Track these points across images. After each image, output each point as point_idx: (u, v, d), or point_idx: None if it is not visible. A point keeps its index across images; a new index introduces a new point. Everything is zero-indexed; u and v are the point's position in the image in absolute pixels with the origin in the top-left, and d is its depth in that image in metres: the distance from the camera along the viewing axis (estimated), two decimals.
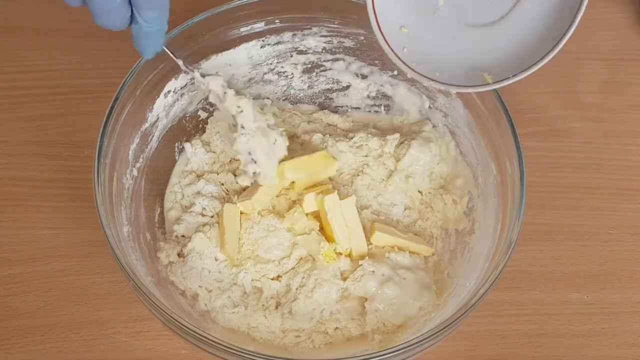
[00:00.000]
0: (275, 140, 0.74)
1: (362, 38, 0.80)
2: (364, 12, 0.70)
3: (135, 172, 0.75)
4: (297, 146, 0.81)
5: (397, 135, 0.79)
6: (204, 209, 0.76)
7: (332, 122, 0.85)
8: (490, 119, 0.72)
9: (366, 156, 0.79)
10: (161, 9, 0.61)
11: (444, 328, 0.60)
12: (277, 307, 0.72)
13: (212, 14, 0.76)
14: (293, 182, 0.76)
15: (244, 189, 0.78)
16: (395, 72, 0.82)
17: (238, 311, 0.71)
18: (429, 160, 0.78)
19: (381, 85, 0.84)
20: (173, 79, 0.77)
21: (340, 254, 0.73)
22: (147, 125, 0.76)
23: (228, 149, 0.80)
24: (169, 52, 0.68)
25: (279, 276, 0.73)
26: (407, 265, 0.73)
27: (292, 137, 0.81)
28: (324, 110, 0.86)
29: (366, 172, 0.78)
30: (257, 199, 0.75)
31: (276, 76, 0.85)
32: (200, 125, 0.83)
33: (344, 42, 0.82)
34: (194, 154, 0.80)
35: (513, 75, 0.65)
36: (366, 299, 0.71)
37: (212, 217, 0.76)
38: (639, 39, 0.98)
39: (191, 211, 0.76)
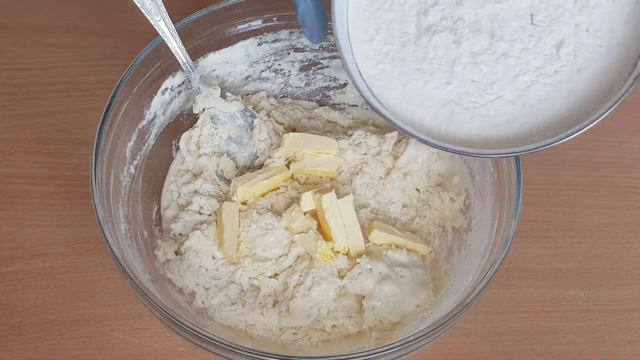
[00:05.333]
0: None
1: None
2: None
3: (132, 170, 0.75)
4: None
5: (396, 133, 0.79)
6: (202, 207, 0.76)
7: (332, 118, 0.85)
8: None
9: (365, 154, 0.79)
10: None
11: (440, 325, 0.60)
12: (274, 305, 0.72)
13: (209, 12, 0.76)
14: (293, 161, 0.78)
15: (242, 172, 0.79)
16: None
17: (235, 309, 0.71)
18: (426, 157, 0.78)
19: None
20: (170, 77, 0.77)
21: (338, 252, 0.73)
22: (144, 122, 0.76)
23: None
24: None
25: (276, 274, 0.73)
26: (404, 262, 0.73)
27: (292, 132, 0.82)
28: (325, 107, 0.86)
29: (365, 171, 0.78)
30: (258, 185, 0.75)
31: (273, 74, 0.85)
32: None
33: None
34: (188, 152, 0.80)
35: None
36: (363, 297, 0.71)
37: (209, 215, 0.76)
38: None
39: (188, 209, 0.76)
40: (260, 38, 0.81)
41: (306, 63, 0.85)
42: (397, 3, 0.63)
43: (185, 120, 0.81)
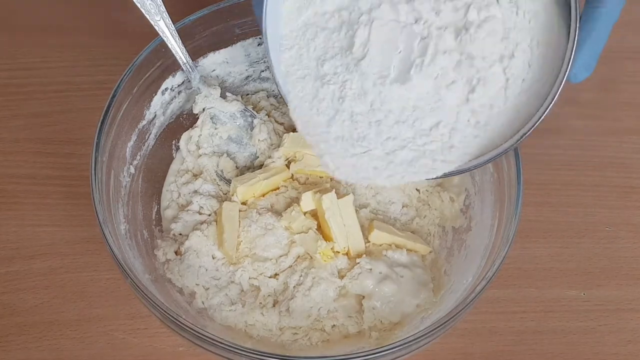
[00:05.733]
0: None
1: None
2: None
3: (132, 170, 0.75)
4: None
5: None
6: (201, 207, 0.76)
7: None
8: None
9: None
10: None
11: (440, 325, 0.60)
12: (274, 305, 0.72)
13: (209, 12, 0.76)
14: (293, 161, 0.78)
15: (242, 172, 0.79)
16: None
17: (235, 309, 0.71)
18: None
19: None
20: (170, 77, 0.77)
21: (338, 252, 0.73)
22: (144, 122, 0.76)
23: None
24: None
25: (276, 274, 0.73)
26: (404, 262, 0.73)
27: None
28: None
29: None
30: (258, 185, 0.76)
31: None
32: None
33: None
34: (188, 152, 0.80)
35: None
36: (363, 297, 0.71)
37: (209, 215, 0.76)
38: (634, 37, 0.98)
39: (188, 210, 0.76)
40: (260, 38, 0.81)
41: None
42: (308, 37, 0.66)
43: (185, 120, 0.81)
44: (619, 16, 0.57)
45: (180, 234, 0.76)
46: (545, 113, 0.59)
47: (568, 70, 0.57)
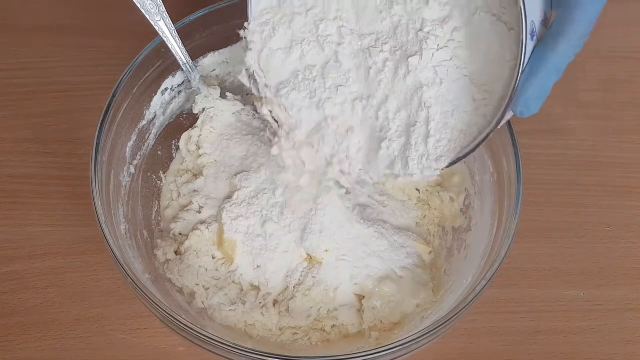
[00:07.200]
0: None
1: None
2: None
3: (132, 170, 0.75)
4: None
5: None
6: (202, 207, 0.76)
7: None
8: None
9: None
10: None
11: (440, 325, 0.60)
12: (274, 305, 0.72)
13: (209, 12, 0.76)
14: None
15: None
16: None
17: (235, 309, 0.71)
18: None
19: None
20: (170, 77, 0.77)
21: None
22: (144, 122, 0.76)
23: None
24: None
25: (276, 274, 0.73)
26: (404, 263, 0.73)
27: None
28: None
29: None
30: None
31: None
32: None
33: None
34: (188, 152, 0.80)
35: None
36: (363, 297, 0.71)
37: (209, 215, 0.76)
38: (636, 36, 0.98)
39: (188, 209, 0.76)
40: None
41: None
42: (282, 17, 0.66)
43: (185, 120, 0.81)
44: (565, 68, 0.57)
45: (180, 234, 0.76)
46: (487, 137, 0.60)
47: (506, 110, 0.57)
